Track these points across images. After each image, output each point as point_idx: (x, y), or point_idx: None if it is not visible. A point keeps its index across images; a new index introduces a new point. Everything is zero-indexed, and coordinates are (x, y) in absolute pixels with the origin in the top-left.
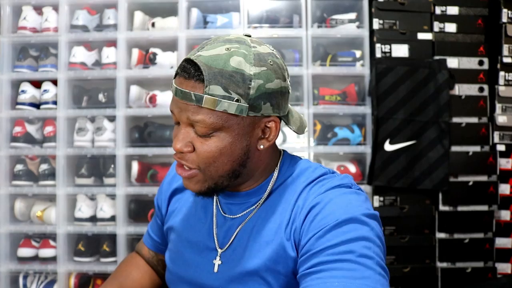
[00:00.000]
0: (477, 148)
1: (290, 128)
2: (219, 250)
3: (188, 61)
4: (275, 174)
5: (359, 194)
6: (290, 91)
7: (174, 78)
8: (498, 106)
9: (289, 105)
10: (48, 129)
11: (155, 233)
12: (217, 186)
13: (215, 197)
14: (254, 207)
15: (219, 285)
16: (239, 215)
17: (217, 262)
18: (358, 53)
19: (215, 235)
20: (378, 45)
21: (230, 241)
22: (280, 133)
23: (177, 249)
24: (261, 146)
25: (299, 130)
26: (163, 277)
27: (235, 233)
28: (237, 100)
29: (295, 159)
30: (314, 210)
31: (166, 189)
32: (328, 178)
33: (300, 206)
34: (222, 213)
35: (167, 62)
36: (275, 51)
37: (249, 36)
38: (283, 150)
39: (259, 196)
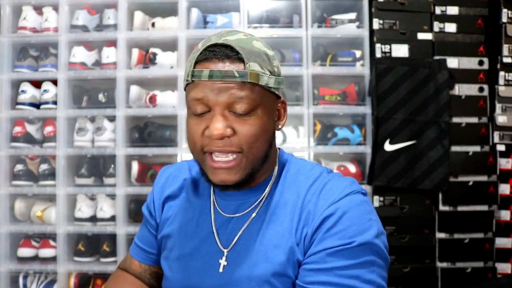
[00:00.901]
0: (477, 148)
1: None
2: (225, 251)
3: (216, 45)
4: (275, 172)
5: (369, 204)
6: None
7: (195, 65)
8: (498, 106)
9: None
10: (48, 129)
11: (148, 244)
12: (253, 172)
13: (212, 199)
14: (255, 205)
15: (223, 286)
16: (240, 214)
17: (223, 262)
18: (358, 53)
19: (216, 236)
20: (378, 45)
21: (234, 241)
22: (280, 133)
23: (176, 257)
24: (280, 126)
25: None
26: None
27: (238, 234)
28: (269, 76)
29: (290, 157)
30: (328, 221)
31: (158, 198)
32: (333, 180)
33: (311, 212)
34: (222, 213)
35: (167, 62)
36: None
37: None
38: (279, 148)
39: (259, 195)
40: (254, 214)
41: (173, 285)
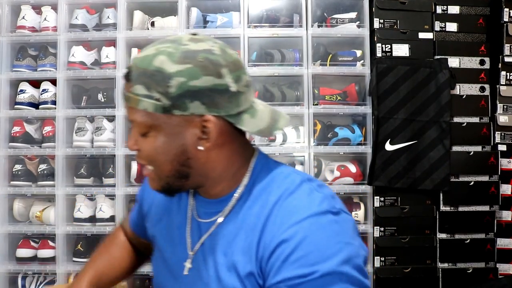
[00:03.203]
0: (478, 148)
1: (243, 130)
2: (190, 253)
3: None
4: (245, 180)
5: (342, 224)
6: (237, 89)
7: None
8: (500, 106)
9: (254, 104)
10: (47, 129)
11: (135, 221)
12: (170, 186)
13: (190, 201)
14: (220, 215)
15: None
16: (207, 220)
17: (188, 265)
18: (358, 53)
19: (188, 239)
20: (378, 45)
21: (197, 246)
22: (280, 133)
23: (158, 261)
24: (200, 147)
25: (263, 133)
26: (142, 255)
27: (202, 239)
28: (158, 99)
29: (268, 163)
30: (285, 247)
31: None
32: (302, 195)
33: (269, 232)
34: (196, 217)
35: None
36: (217, 47)
37: (195, 34)
38: (258, 152)
39: (225, 205)
40: (219, 220)
41: (155, 277)
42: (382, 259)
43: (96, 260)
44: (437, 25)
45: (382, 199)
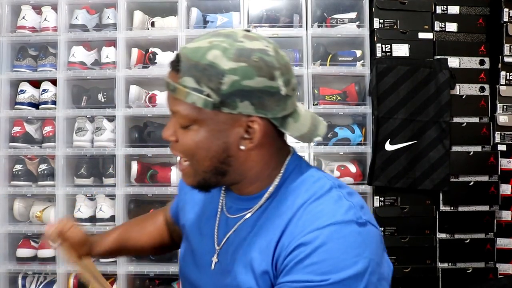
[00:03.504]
0: (478, 148)
1: (287, 134)
2: (217, 248)
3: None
4: (276, 180)
5: (366, 236)
6: (286, 93)
7: None
8: (499, 106)
9: (298, 108)
10: (47, 129)
11: (174, 208)
12: (206, 182)
13: (221, 197)
14: (250, 210)
15: (213, 284)
16: (235, 215)
17: (215, 259)
18: (358, 53)
19: (216, 234)
20: (378, 45)
21: (223, 241)
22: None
23: (186, 251)
24: (242, 147)
25: (304, 138)
26: (172, 241)
27: (228, 234)
28: (208, 95)
29: (300, 166)
30: (302, 250)
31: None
32: (329, 201)
33: (290, 233)
34: (225, 212)
35: (167, 62)
36: (271, 48)
37: (248, 31)
38: (293, 153)
39: (256, 203)
40: (248, 215)
41: (181, 267)
42: None
43: (129, 225)
44: (437, 25)
45: (382, 199)
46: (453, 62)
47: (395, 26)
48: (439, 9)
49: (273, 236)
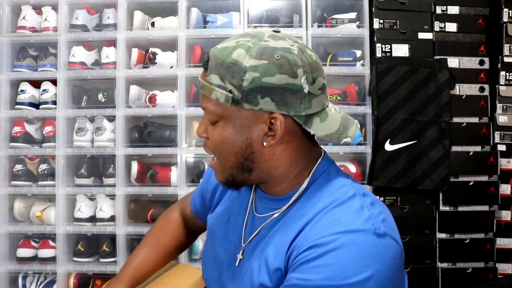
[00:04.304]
0: (477, 148)
1: (311, 133)
2: (243, 245)
3: None
4: (305, 184)
5: (379, 247)
6: (310, 91)
7: None
8: (499, 106)
9: (327, 108)
10: (48, 129)
11: (195, 202)
12: (234, 179)
13: (251, 196)
14: (277, 211)
15: (234, 279)
16: (263, 215)
17: (239, 256)
18: (358, 53)
19: (243, 231)
20: (378, 45)
21: (250, 238)
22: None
23: (209, 245)
24: (265, 143)
25: (331, 138)
26: (189, 238)
27: (255, 233)
28: (230, 91)
29: (329, 170)
30: (313, 251)
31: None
32: (351, 208)
33: (305, 235)
34: (254, 211)
35: (167, 62)
36: (296, 47)
37: (277, 32)
38: (323, 157)
39: (283, 204)
40: (275, 215)
41: (203, 259)
42: None
43: (145, 249)
44: (437, 25)
45: (381, 199)
46: (453, 62)
47: (395, 26)
48: (439, 9)
49: (289, 236)
